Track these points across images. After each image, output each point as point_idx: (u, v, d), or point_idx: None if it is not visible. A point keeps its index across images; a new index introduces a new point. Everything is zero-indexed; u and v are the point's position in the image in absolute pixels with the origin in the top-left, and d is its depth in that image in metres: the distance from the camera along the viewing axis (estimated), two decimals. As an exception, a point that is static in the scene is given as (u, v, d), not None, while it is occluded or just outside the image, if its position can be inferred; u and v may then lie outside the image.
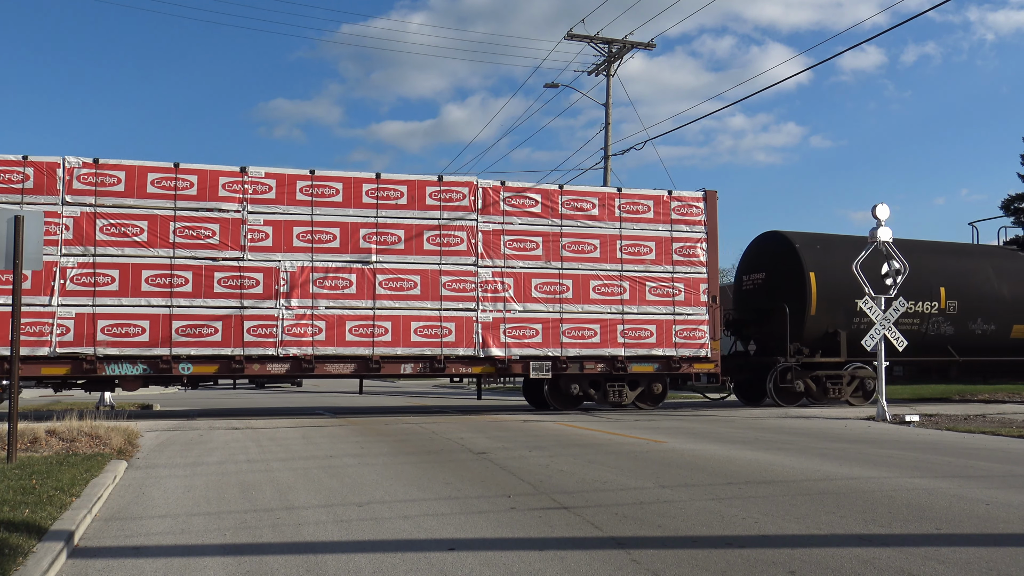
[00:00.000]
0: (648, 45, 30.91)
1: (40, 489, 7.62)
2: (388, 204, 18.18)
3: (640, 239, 19.62)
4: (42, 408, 20.56)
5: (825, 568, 5.33)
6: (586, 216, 19.35)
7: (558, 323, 18.88)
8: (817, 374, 21.24)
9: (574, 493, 8.05)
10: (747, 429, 14.96)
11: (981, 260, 23.65)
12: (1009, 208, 35.64)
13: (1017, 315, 23.16)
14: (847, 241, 22.35)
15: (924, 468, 9.70)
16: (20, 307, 9.73)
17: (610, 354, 19.23)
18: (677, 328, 19.63)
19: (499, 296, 18.61)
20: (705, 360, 19.88)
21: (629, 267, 19.45)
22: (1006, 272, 23.48)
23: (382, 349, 17.81)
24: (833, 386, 21.27)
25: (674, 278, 19.70)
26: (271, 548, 6.06)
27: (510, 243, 18.87)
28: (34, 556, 5.41)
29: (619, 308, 19.28)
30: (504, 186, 18.99)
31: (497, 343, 18.51)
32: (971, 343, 22.61)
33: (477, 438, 13.10)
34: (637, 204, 19.70)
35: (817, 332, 21.20)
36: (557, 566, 5.42)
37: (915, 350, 21.41)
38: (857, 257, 20.05)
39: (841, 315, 21.24)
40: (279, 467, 10.00)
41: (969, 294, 22.45)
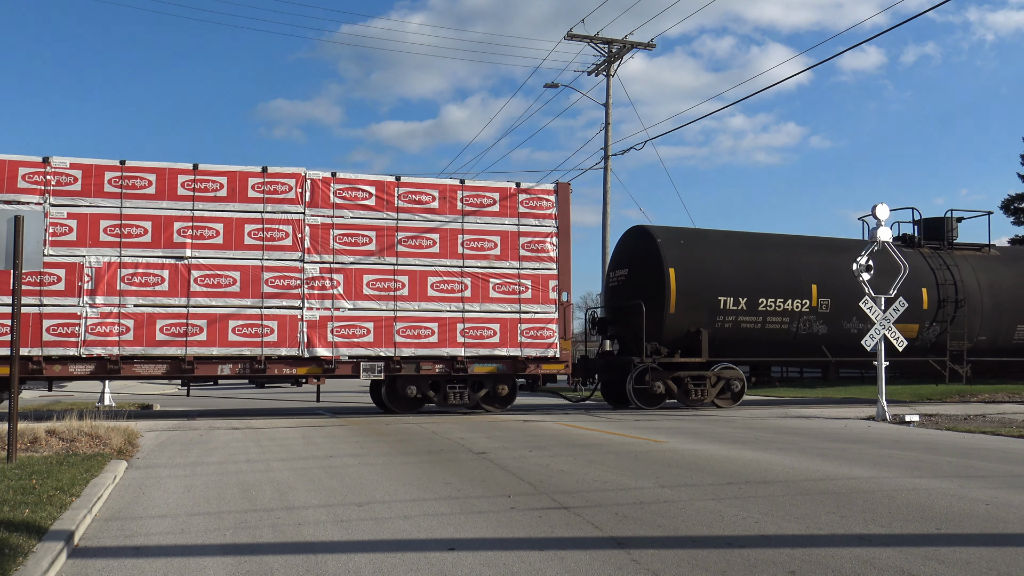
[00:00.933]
0: (648, 45, 30.93)
1: (40, 489, 7.62)
2: (206, 196, 17.20)
3: (484, 233, 18.68)
4: (42, 408, 20.55)
5: (825, 568, 5.33)
6: (425, 209, 18.39)
7: (392, 321, 17.97)
8: (679, 375, 20.30)
9: (574, 493, 8.05)
10: (747, 429, 14.96)
11: (856, 255, 22.32)
12: (1009, 208, 35.65)
13: (902, 314, 22.11)
14: (715, 236, 21.76)
15: (924, 468, 9.70)
16: (20, 307, 9.73)
17: (449, 354, 18.28)
18: (523, 327, 18.71)
19: (327, 293, 17.70)
20: (554, 360, 18.95)
21: (472, 263, 18.52)
22: (879, 266, 22.19)
23: (196, 349, 16.89)
24: (696, 387, 20.35)
25: (521, 275, 18.77)
26: (271, 548, 6.06)
27: (340, 237, 17.91)
28: (34, 556, 5.40)
29: (459, 306, 18.39)
30: (335, 177, 18.05)
31: (324, 343, 17.59)
32: (847, 343, 21.39)
33: (477, 438, 13.10)
34: (482, 197, 18.76)
35: (678, 331, 20.22)
36: (557, 566, 5.42)
37: (786, 350, 21.18)
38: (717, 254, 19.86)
39: (703, 313, 20.28)
40: (279, 467, 10.00)
41: (843, 292, 21.13)
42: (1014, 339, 23.26)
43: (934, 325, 22.17)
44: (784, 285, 20.81)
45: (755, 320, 20.60)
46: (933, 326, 22.17)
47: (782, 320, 20.89)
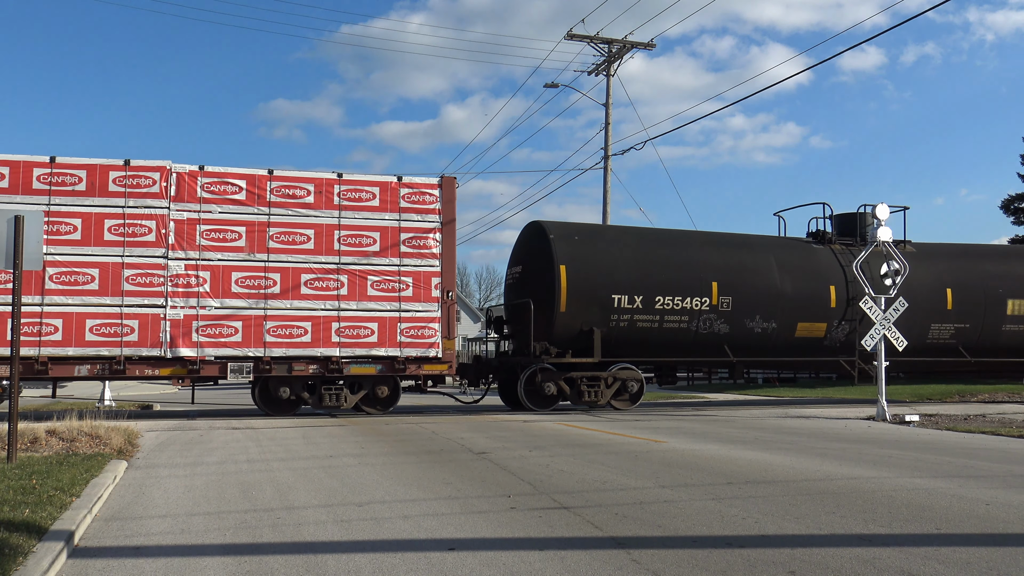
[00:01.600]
0: (648, 45, 30.92)
1: (40, 489, 7.62)
2: (63, 191, 16.50)
3: (363, 229, 18.01)
4: (42, 408, 20.55)
5: (825, 568, 5.33)
6: (299, 204, 17.71)
7: (262, 320, 17.29)
8: (573, 375, 19.56)
9: (574, 493, 8.05)
10: (747, 429, 14.97)
11: (763, 253, 21.50)
12: (1009, 208, 35.67)
13: (802, 312, 21.14)
14: (612, 233, 21.07)
15: (924, 468, 9.71)
16: (20, 307, 9.73)
17: (323, 355, 17.61)
18: (403, 326, 17.99)
19: (193, 291, 17.00)
20: (436, 361, 18.21)
21: (349, 259, 17.87)
22: (791, 266, 21.40)
23: (50, 349, 16.18)
24: (590, 389, 19.59)
25: (401, 271, 18.10)
26: (271, 548, 6.06)
27: (208, 233, 17.23)
28: (34, 556, 5.41)
29: (335, 304, 17.70)
30: (203, 171, 17.31)
31: (188, 343, 16.90)
32: (750, 342, 20.75)
33: (477, 438, 13.10)
34: (361, 191, 18.07)
35: (570, 330, 19.47)
36: (557, 566, 5.42)
37: (687, 350, 20.52)
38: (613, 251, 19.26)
39: (597, 312, 19.52)
40: (279, 467, 10.01)
41: (745, 290, 20.55)
42: (928, 338, 22.28)
43: (843, 324, 21.43)
44: (683, 283, 20.14)
45: (652, 319, 19.90)
46: (842, 325, 21.44)
47: (681, 319, 20.18)
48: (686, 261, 20.57)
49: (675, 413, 19.76)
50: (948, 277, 22.72)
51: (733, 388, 31.74)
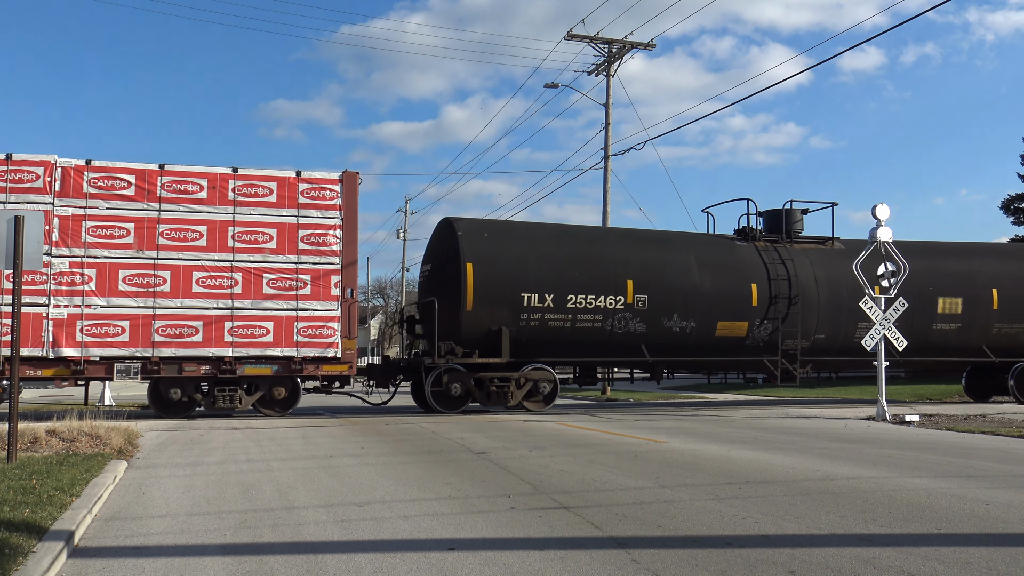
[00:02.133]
0: (648, 45, 30.91)
1: (40, 489, 7.62)
2: None
3: (259, 226, 17.42)
4: (42, 408, 20.56)
5: (825, 568, 5.33)
6: (191, 200, 17.09)
7: (151, 319, 16.71)
8: (483, 376, 18.92)
9: (574, 493, 8.05)
10: (747, 429, 14.96)
11: (683, 250, 20.80)
12: (1009, 208, 35.65)
13: (723, 311, 20.43)
14: (525, 229, 20.47)
15: (924, 468, 9.71)
16: (20, 307, 9.73)
17: (215, 355, 17.00)
18: (301, 325, 17.43)
19: (77, 289, 16.41)
20: (335, 361, 17.65)
21: (243, 257, 17.26)
22: (711, 264, 20.73)
23: None
24: (499, 390, 18.96)
25: (299, 269, 17.52)
26: (271, 548, 6.06)
27: (94, 230, 16.63)
28: (34, 556, 5.41)
29: (228, 303, 17.12)
30: (89, 165, 16.76)
31: (72, 342, 16.33)
32: (668, 342, 20.07)
33: (477, 438, 13.10)
34: (257, 186, 17.48)
35: (478, 330, 18.82)
36: (557, 566, 5.42)
37: (603, 350, 19.89)
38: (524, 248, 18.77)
39: (506, 311, 18.83)
40: (279, 467, 10.01)
41: (662, 288, 19.91)
42: (855, 337, 21.17)
43: (765, 323, 20.69)
44: (596, 281, 19.46)
45: (564, 318, 19.24)
46: (764, 323, 20.69)
47: (594, 318, 19.46)
48: (601, 258, 19.88)
49: (675, 413, 19.76)
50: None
51: (733, 388, 31.75)
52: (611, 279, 19.63)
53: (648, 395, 28.26)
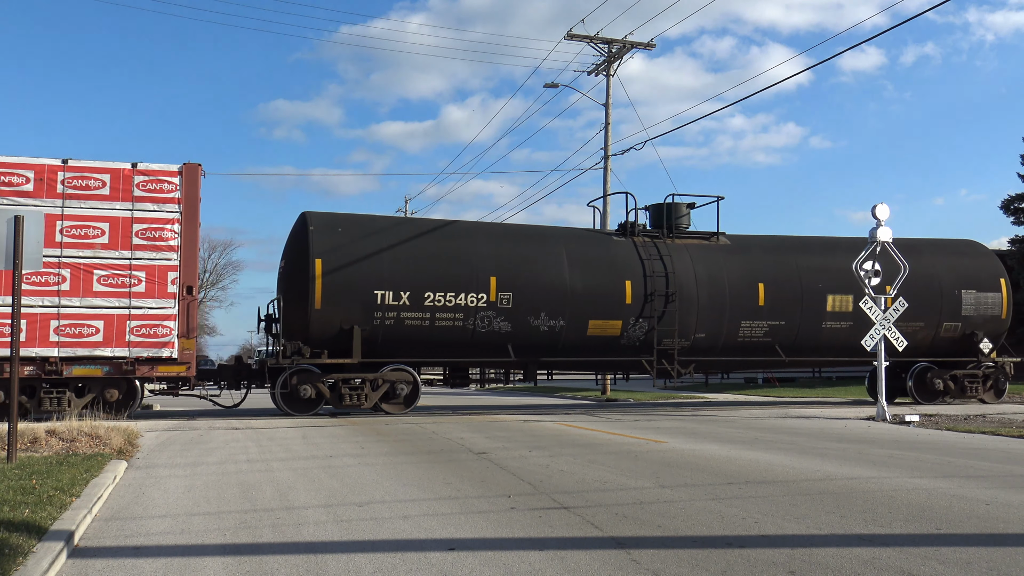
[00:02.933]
0: (648, 45, 30.92)
1: (40, 489, 7.62)
2: None
3: (89, 219, 16.63)
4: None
5: (825, 568, 5.32)
6: (16, 192, 16.28)
7: None
8: (337, 377, 18.24)
9: (574, 493, 8.05)
10: (747, 429, 14.96)
11: (554, 246, 19.85)
12: (1009, 208, 35.62)
13: (594, 309, 19.59)
14: (383, 224, 19.58)
15: (924, 468, 9.70)
16: (20, 307, 9.73)
17: (38, 355, 16.18)
18: (134, 324, 16.66)
19: None
20: (171, 362, 16.86)
21: (72, 252, 16.48)
22: (584, 260, 19.86)
23: None
24: (353, 392, 18.27)
25: (133, 266, 16.72)
26: (271, 548, 6.06)
27: None
28: (34, 556, 5.40)
29: (55, 300, 16.33)
30: None
31: None
32: (536, 341, 19.26)
33: (477, 438, 13.10)
34: (89, 179, 16.70)
35: (328, 328, 18.04)
36: (557, 566, 5.42)
37: (466, 349, 19.11)
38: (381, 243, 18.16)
39: (358, 309, 18.11)
40: (279, 467, 10.00)
41: (529, 285, 19.06)
42: (739, 337, 20.69)
43: (640, 321, 19.89)
44: (457, 278, 18.69)
45: (422, 317, 18.47)
46: (640, 322, 19.89)
47: (455, 317, 18.66)
48: (462, 254, 19.08)
49: (675, 413, 19.76)
50: (762, 271, 21.15)
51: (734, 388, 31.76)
52: (473, 276, 18.85)
53: (648, 395, 28.27)
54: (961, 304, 22.17)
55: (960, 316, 22.16)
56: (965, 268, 22.54)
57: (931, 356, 22.22)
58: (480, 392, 34.49)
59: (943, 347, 22.22)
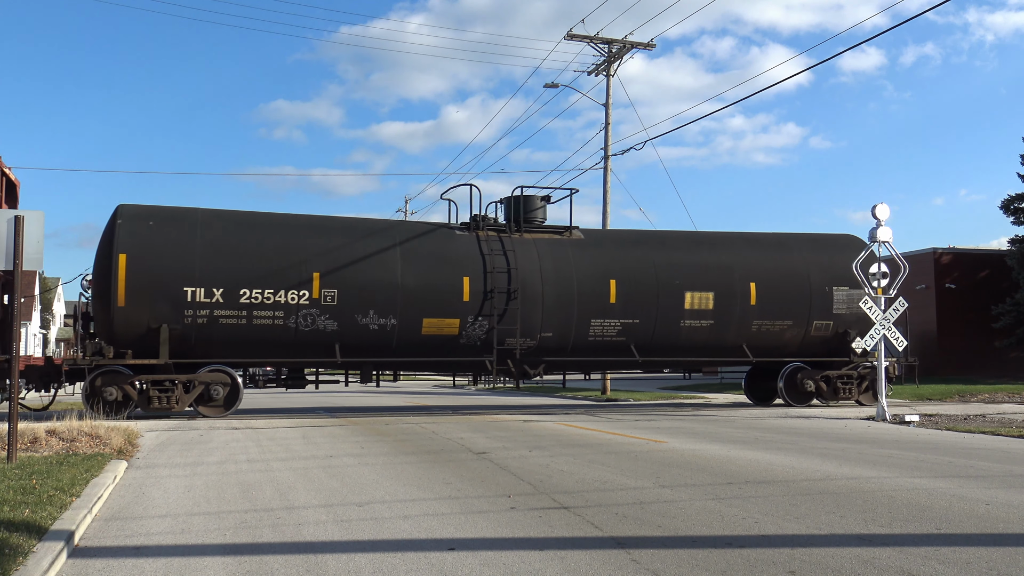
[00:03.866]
0: (648, 45, 30.91)
1: (40, 489, 7.62)
2: None
3: None
4: (42, 408, 20.52)
5: (825, 568, 5.33)
6: None
7: None
8: (143, 379, 17.06)
9: (574, 493, 8.05)
10: (747, 429, 14.96)
11: (386, 241, 18.88)
12: (1009, 208, 35.63)
13: (429, 307, 18.49)
14: (199, 217, 18.04)
15: (924, 468, 9.71)
16: (20, 307, 9.72)
17: None
18: None
19: None
20: None
21: None
22: (420, 255, 18.82)
23: None
24: (163, 394, 17.02)
25: None
26: (271, 548, 6.06)
27: None
28: (34, 556, 5.41)
29: None
30: None
31: None
32: (366, 341, 18.24)
33: (477, 438, 13.10)
34: None
35: (134, 327, 16.82)
36: (557, 566, 5.42)
37: (290, 349, 18.02)
38: (194, 237, 17.13)
39: (167, 307, 16.93)
40: (279, 467, 10.00)
41: (356, 281, 18.04)
42: (590, 336, 19.56)
43: (480, 320, 18.77)
44: (276, 274, 17.63)
45: (237, 315, 17.34)
46: (480, 321, 18.77)
47: (275, 315, 17.55)
48: (282, 249, 18.00)
49: (675, 413, 19.76)
50: (615, 267, 19.94)
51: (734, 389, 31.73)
52: (294, 272, 17.75)
53: (648, 395, 28.27)
54: (832, 301, 20.99)
55: (832, 314, 21.00)
56: (839, 264, 21.06)
57: (803, 356, 21.15)
58: (480, 392, 34.49)
59: (814, 346, 21.12)
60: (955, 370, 35.23)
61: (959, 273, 37.00)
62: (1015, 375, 34.36)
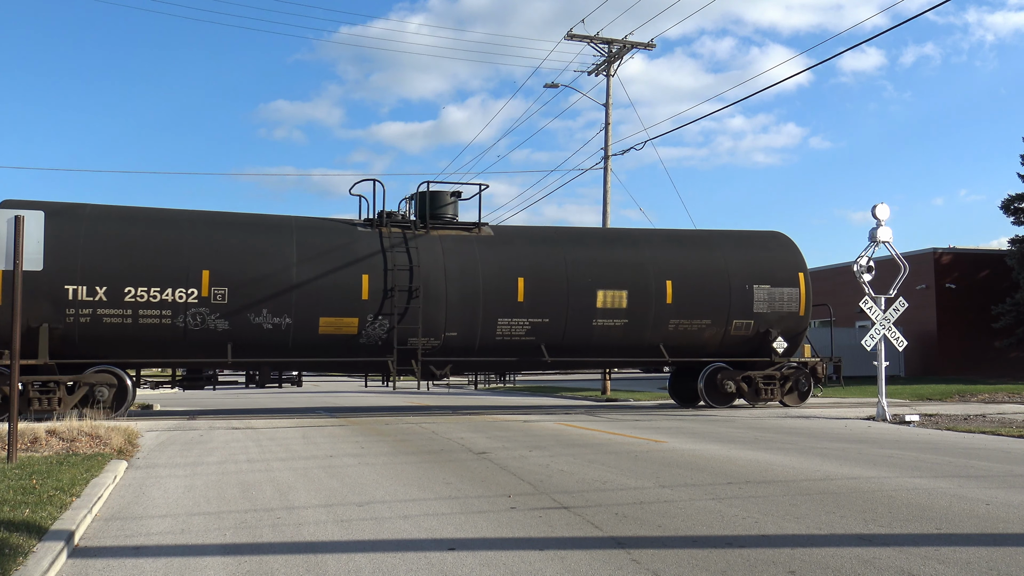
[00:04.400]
0: (648, 45, 30.92)
1: (40, 489, 7.62)
2: None
3: None
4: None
5: (825, 568, 5.33)
6: None
7: None
8: (24, 380, 16.24)
9: (574, 493, 8.06)
10: (747, 429, 14.97)
11: (282, 237, 18.25)
12: (1009, 208, 35.64)
13: (326, 305, 17.98)
14: (86, 212, 17.47)
15: (924, 468, 9.71)
16: (20, 307, 9.73)
17: None
18: None
19: None
20: None
21: None
22: (317, 252, 18.24)
23: None
24: (43, 395, 16.41)
25: None
26: (271, 548, 6.06)
27: None
28: (34, 556, 5.41)
29: None
30: None
31: None
32: (261, 341, 17.66)
33: (477, 438, 13.10)
34: None
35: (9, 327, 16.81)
36: (557, 566, 5.42)
37: (180, 350, 17.42)
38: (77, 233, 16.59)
39: (47, 306, 16.42)
40: (279, 467, 10.01)
41: (248, 279, 17.41)
42: (497, 335, 18.94)
43: (380, 319, 18.23)
44: (163, 271, 17.06)
45: (123, 314, 16.81)
46: (380, 320, 18.23)
47: (162, 314, 16.99)
48: (170, 245, 17.41)
49: (675, 413, 19.76)
50: (524, 264, 19.36)
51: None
52: (182, 269, 17.19)
53: (648, 395, 28.26)
54: (753, 300, 20.40)
55: (752, 313, 20.39)
56: (761, 262, 20.77)
57: (724, 356, 20.61)
58: (480, 392, 34.48)
59: (735, 346, 20.56)
60: (955, 370, 35.26)
61: (959, 273, 37.02)
62: (1015, 375, 34.38)
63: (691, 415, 18.94)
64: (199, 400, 28.21)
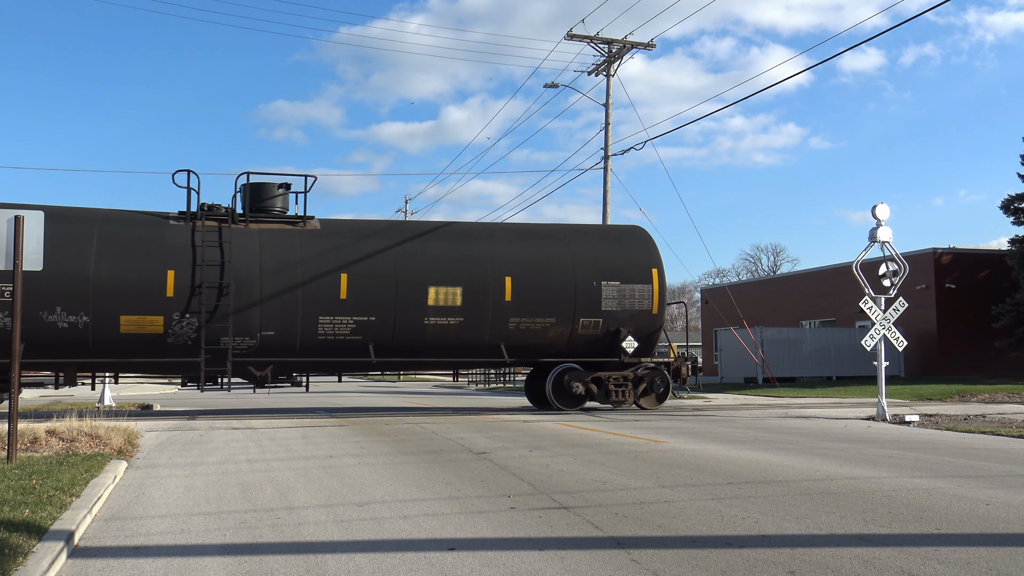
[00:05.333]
0: (648, 45, 30.92)
1: (40, 489, 7.62)
2: None
3: None
4: (42, 408, 20.56)
5: (825, 568, 5.33)
6: None
7: None
8: None
9: (574, 493, 8.05)
10: (747, 429, 14.96)
11: (81, 229, 17.11)
12: (1009, 208, 35.63)
13: (128, 303, 16.88)
14: None
15: (924, 468, 9.71)
16: (20, 307, 9.73)
17: None
18: None
19: None
20: None
21: None
22: (120, 246, 17.17)
23: None
24: None
25: None
26: (271, 548, 6.06)
27: None
28: (34, 556, 5.41)
29: None
30: None
31: None
32: (59, 341, 16.57)
33: (477, 438, 13.10)
34: None
35: None
36: (557, 566, 5.42)
37: None
38: None
39: None
40: (279, 467, 10.01)
41: (38, 274, 16.29)
42: (319, 335, 18.04)
43: (188, 317, 17.23)
44: None
45: None
46: (188, 318, 17.23)
47: None
48: None
49: (675, 413, 19.75)
50: (347, 259, 18.40)
51: (733, 389, 31.72)
52: None
53: (648, 395, 28.24)
54: (601, 298, 19.42)
55: (600, 311, 19.40)
56: (612, 258, 19.87)
57: (573, 356, 19.65)
58: (480, 392, 34.49)
59: (583, 346, 19.58)
60: (955, 370, 35.25)
61: (959, 273, 37.01)
62: (1015, 375, 34.37)
63: (691, 415, 18.94)
64: (199, 400, 28.19)
